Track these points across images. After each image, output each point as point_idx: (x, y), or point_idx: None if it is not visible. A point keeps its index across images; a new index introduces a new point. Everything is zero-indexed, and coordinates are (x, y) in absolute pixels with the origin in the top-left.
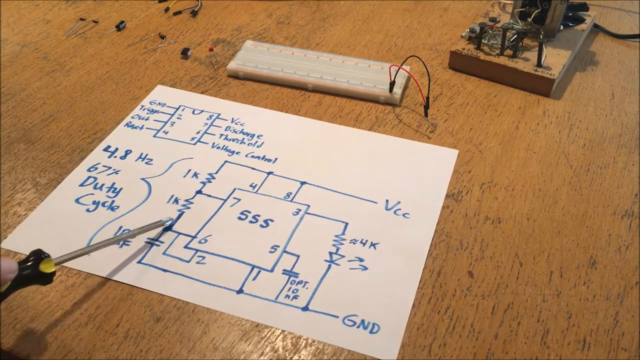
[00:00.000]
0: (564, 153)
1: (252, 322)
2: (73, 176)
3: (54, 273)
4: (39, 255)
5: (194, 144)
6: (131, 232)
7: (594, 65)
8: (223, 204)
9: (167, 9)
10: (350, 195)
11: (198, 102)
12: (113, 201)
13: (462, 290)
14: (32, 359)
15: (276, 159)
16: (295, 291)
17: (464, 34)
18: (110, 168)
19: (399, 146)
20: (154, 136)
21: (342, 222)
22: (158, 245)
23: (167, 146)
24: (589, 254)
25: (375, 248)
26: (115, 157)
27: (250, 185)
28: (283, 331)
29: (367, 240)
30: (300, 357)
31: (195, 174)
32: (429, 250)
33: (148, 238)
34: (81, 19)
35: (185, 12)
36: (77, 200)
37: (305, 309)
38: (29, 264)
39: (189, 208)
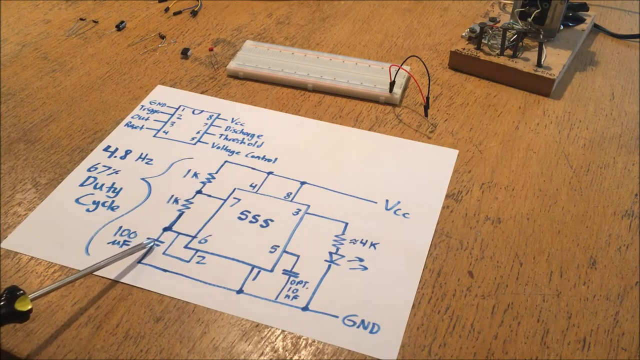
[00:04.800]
0: (564, 153)
1: (252, 322)
2: (73, 176)
3: (30, 310)
4: (13, 293)
5: (194, 144)
6: (112, 258)
7: (594, 65)
8: (223, 204)
9: (167, 9)
10: (350, 195)
11: (198, 102)
12: (113, 201)
13: (462, 290)
14: (32, 359)
15: (276, 159)
16: (295, 291)
17: (464, 34)
18: (110, 168)
19: (399, 146)
20: (154, 136)
21: (342, 222)
22: (158, 245)
23: (167, 146)
24: (589, 254)
25: (375, 248)
26: (115, 157)
27: (250, 185)
28: (283, 331)
29: (367, 240)
30: (300, 357)
31: (195, 174)
32: (429, 250)
33: (148, 238)
34: (81, 19)
35: (185, 12)
36: (77, 200)
37: (305, 309)
38: (2, 303)
39: (189, 208)
